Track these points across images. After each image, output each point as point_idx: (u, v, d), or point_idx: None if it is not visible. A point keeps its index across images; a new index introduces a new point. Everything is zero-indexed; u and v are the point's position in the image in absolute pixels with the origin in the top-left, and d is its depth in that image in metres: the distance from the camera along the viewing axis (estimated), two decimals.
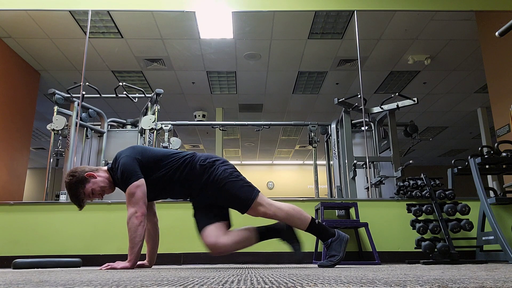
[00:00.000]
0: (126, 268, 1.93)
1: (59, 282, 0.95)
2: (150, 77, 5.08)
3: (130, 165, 1.94)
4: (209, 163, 2.00)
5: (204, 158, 2.03)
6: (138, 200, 1.93)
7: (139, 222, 1.92)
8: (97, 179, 2.02)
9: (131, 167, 1.94)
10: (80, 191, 2.00)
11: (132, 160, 1.96)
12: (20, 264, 2.47)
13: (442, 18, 4.13)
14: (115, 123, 4.67)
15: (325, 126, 4.95)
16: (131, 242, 1.93)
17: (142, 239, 1.95)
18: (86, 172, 2.01)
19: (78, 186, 1.99)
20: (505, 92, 3.88)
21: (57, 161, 3.96)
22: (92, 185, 2.00)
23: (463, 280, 0.89)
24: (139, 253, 1.96)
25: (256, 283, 0.90)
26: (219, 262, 3.10)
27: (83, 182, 1.99)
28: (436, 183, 3.10)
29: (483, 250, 2.97)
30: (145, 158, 1.99)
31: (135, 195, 1.92)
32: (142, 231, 1.93)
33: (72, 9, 3.95)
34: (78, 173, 2.00)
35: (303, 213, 2.04)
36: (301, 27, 4.25)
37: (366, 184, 4.22)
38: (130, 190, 1.92)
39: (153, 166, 2.00)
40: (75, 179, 1.99)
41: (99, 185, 2.02)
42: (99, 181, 2.02)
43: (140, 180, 1.94)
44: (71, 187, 1.99)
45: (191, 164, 2.01)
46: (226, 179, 1.96)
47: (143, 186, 1.95)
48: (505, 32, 1.71)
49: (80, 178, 1.99)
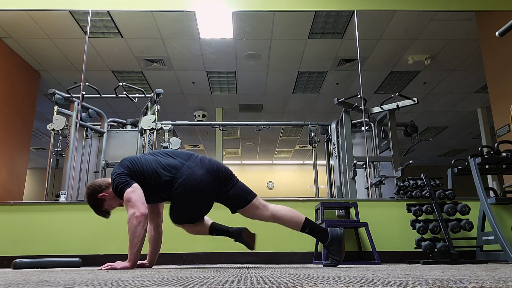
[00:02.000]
0: (126, 268, 1.94)
1: (59, 282, 0.95)
2: (150, 77, 5.08)
3: (117, 178, 2.02)
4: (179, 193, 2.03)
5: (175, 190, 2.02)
6: (135, 202, 1.96)
7: (137, 223, 1.93)
8: (110, 196, 2.12)
9: (119, 179, 2.01)
10: (101, 209, 2.15)
11: (119, 174, 2.04)
12: (20, 264, 2.47)
13: (442, 18, 4.13)
14: (115, 123, 4.67)
15: (325, 126, 4.95)
16: (130, 242, 1.95)
17: (141, 239, 1.96)
18: (99, 194, 2.11)
19: (97, 206, 2.14)
20: (505, 92, 3.87)
21: (57, 161, 3.96)
22: (109, 202, 2.13)
23: (463, 280, 0.89)
24: (138, 253, 1.97)
25: (256, 283, 0.90)
26: (219, 262, 3.10)
27: (101, 204, 2.13)
28: (436, 183, 3.10)
29: (483, 250, 2.97)
30: (132, 167, 2.05)
31: (131, 199, 1.96)
32: (141, 232, 1.94)
33: (72, 9, 3.95)
34: (93, 194, 2.10)
35: (296, 212, 2.16)
36: (301, 27, 4.24)
37: (366, 184, 4.22)
38: (126, 197, 1.98)
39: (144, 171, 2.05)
40: (92, 201, 2.12)
41: (114, 201, 2.13)
42: (113, 197, 2.11)
43: (132, 185, 1.99)
44: (91, 205, 2.14)
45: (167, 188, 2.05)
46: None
47: (137, 189, 1.99)
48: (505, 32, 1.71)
49: (97, 202, 2.12)
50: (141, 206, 1.96)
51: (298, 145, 7.59)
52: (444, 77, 5.13)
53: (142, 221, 1.95)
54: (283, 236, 3.17)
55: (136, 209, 1.94)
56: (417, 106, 4.35)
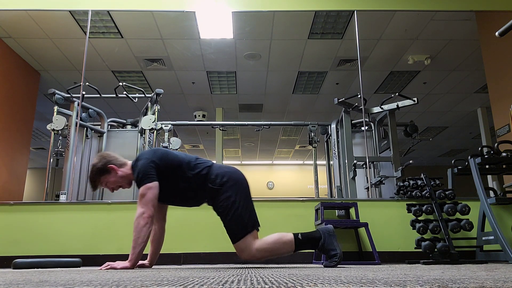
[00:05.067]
0: (126, 268, 1.93)
1: (59, 282, 0.95)
2: (150, 77, 5.08)
3: (146, 167, 1.99)
4: (218, 187, 2.04)
5: (214, 177, 2.06)
6: (148, 202, 1.95)
7: (144, 223, 1.93)
8: (117, 173, 2.09)
9: (146, 169, 1.99)
10: (97, 178, 2.10)
11: (150, 163, 2.01)
12: (20, 264, 2.47)
13: (442, 18, 4.13)
14: (115, 123, 4.66)
15: (325, 126, 4.95)
16: (134, 242, 1.94)
17: (145, 240, 1.95)
18: (109, 164, 2.08)
19: (97, 173, 2.08)
20: (505, 92, 3.87)
21: (57, 161, 3.96)
22: (110, 177, 2.09)
23: (463, 280, 0.89)
24: (140, 253, 1.96)
25: (256, 283, 0.90)
26: (219, 262, 3.10)
27: (103, 172, 2.08)
28: (436, 183, 3.10)
29: (483, 250, 2.97)
30: (163, 162, 2.04)
31: (146, 196, 1.95)
32: (146, 233, 1.94)
33: (72, 9, 3.95)
34: (103, 160, 2.09)
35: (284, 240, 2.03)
36: (301, 27, 4.24)
37: (366, 184, 4.22)
38: (142, 191, 1.96)
39: (170, 172, 2.05)
40: (99, 165, 2.08)
41: (116, 180, 2.09)
42: (118, 176, 2.09)
43: (153, 182, 1.98)
44: (92, 170, 2.09)
45: (203, 181, 2.06)
46: (226, 209, 2.02)
47: (155, 189, 1.98)
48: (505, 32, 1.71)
49: (102, 168, 2.08)
50: (151, 207, 1.95)
51: (298, 145, 7.59)
52: (444, 77, 5.13)
53: (149, 222, 1.95)
54: None
55: (146, 209, 1.94)
56: (417, 106, 4.35)
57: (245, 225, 2.01)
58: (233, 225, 2.01)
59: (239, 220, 2.00)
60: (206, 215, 3.22)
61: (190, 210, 3.09)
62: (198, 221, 3.20)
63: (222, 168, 2.11)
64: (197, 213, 3.19)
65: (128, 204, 3.30)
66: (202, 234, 3.19)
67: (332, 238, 2.06)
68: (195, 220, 3.19)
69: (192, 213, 3.18)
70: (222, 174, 2.06)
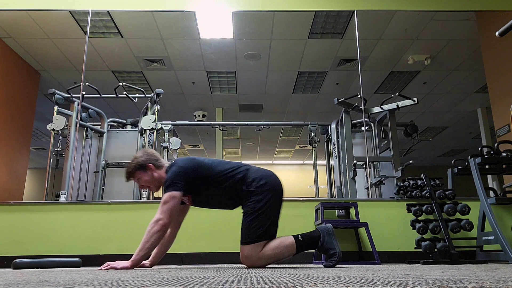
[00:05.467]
0: (126, 268, 1.93)
1: (59, 282, 0.95)
2: (150, 77, 5.08)
3: (176, 174, 2.01)
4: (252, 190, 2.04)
5: (251, 180, 2.06)
6: (168, 210, 1.95)
7: (158, 229, 1.92)
8: (153, 174, 2.10)
9: (176, 177, 2.00)
10: (133, 171, 2.10)
11: (182, 171, 2.02)
12: (20, 264, 2.47)
13: (442, 18, 4.13)
14: (115, 123, 4.67)
15: (325, 126, 4.95)
16: (142, 244, 1.93)
17: (153, 246, 1.95)
18: (149, 162, 2.10)
19: (135, 166, 2.10)
20: (505, 92, 3.87)
21: (57, 161, 3.96)
22: (145, 175, 2.10)
23: (463, 280, 0.89)
24: (144, 257, 1.96)
25: (256, 283, 0.90)
26: (219, 262, 3.10)
27: (140, 167, 2.10)
28: (436, 183, 3.10)
29: (483, 250, 2.97)
30: (196, 173, 2.05)
31: (168, 204, 1.95)
32: (156, 239, 1.94)
33: (72, 9, 3.95)
34: (145, 156, 2.11)
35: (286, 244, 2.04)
36: (301, 27, 4.24)
37: (366, 184, 4.22)
38: (166, 198, 1.97)
39: (203, 181, 2.06)
40: (140, 159, 2.10)
41: (149, 179, 2.10)
42: (153, 176, 2.10)
43: (178, 192, 1.98)
44: (132, 161, 2.11)
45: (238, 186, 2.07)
46: (251, 210, 2.02)
47: (178, 199, 1.99)
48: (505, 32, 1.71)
49: (142, 163, 2.09)
50: (169, 217, 1.95)
51: (298, 145, 7.59)
52: (444, 77, 5.13)
53: (163, 231, 1.94)
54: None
55: (164, 217, 1.93)
56: (417, 106, 4.36)
57: (261, 233, 2.00)
58: (250, 228, 2.01)
59: (257, 226, 2.00)
60: (206, 215, 3.22)
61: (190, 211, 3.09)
62: (198, 221, 3.20)
63: (260, 171, 2.11)
64: (197, 214, 3.19)
65: (128, 204, 3.30)
66: (202, 234, 3.19)
67: (332, 237, 2.06)
68: (195, 220, 3.19)
69: (192, 214, 3.18)
70: (260, 178, 2.06)
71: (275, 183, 2.09)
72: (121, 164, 4.31)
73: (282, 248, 2.02)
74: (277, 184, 2.10)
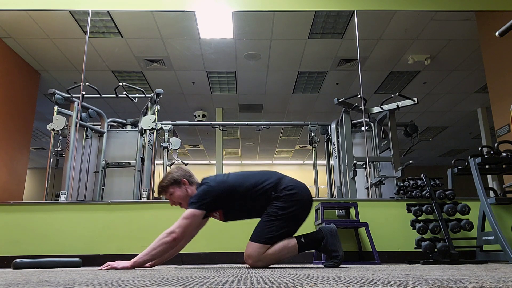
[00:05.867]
0: (126, 268, 1.92)
1: (59, 282, 0.95)
2: (150, 77, 5.08)
3: (206, 194, 2.02)
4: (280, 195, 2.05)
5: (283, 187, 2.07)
6: (185, 227, 1.95)
7: (169, 241, 1.92)
8: (187, 190, 2.11)
9: (204, 196, 2.01)
10: (167, 186, 2.11)
11: (211, 191, 2.03)
12: (20, 264, 2.47)
13: (442, 18, 4.13)
14: (115, 123, 4.67)
15: (325, 126, 4.95)
16: (148, 249, 1.93)
17: (159, 255, 1.96)
18: (184, 178, 2.11)
19: (170, 181, 2.11)
20: (505, 92, 3.87)
21: (57, 161, 3.96)
22: (178, 190, 2.11)
23: (463, 280, 0.89)
24: (146, 262, 1.96)
25: (256, 283, 0.90)
26: (219, 262, 3.10)
27: (175, 183, 2.11)
28: (436, 183, 3.10)
29: (483, 250, 2.97)
30: (226, 193, 2.05)
31: (187, 221, 1.96)
32: (163, 250, 1.93)
33: (72, 9, 3.95)
34: (181, 172, 2.13)
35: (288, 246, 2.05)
36: (301, 27, 4.24)
37: (366, 184, 4.21)
38: (187, 214, 1.97)
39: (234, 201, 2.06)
40: (175, 175, 2.11)
41: (181, 195, 2.11)
42: (186, 192, 2.11)
43: (200, 211, 1.98)
44: (167, 176, 2.12)
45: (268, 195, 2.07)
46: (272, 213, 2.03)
47: (198, 218, 1.99)
48: (505, 32, 1.71)
49: (177, 178, 2.11)
50: (183, 233, 1.95)
51: (298, 145, 7.59)
52: (444, 77, 5.13)
53: (172, 245, 1.94)
54: None
55: (179, 232, 1.93)
56: (417, 106, 4.35)
57: (272, 237, 2.01)
58: (264, 228, 2.02)
59: (272, 229, 2.01)
60: None
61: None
62: None
63: (293, 181, 2.13)
64: None
65: (128, 204, 3.30)
66: (202, 234, 3.18)
67: (335, 238, 2.06)
68: None
69: None
70: (292, 186, 2.08)
71: (305, 196, 2.09)
72: (121, 164, 4.32)
73: (285, 250, 2.03)
74: (306, 197, 2.10)
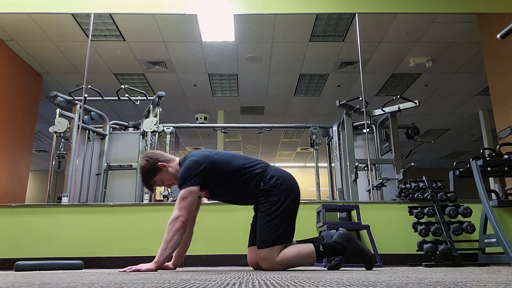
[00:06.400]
0: (151, 270, 1.85)
1: (61, 285, 0.96)
2: (152, 79, 5.09)
3: (193, 169, 1.95)
4: (269, 188, 1.98)
5: (269, 177, 2.01)
6: (186, 206, 1.90)
7: (179, 227, 1.88)
8: (168, 170, 2.06)
9: (192, 171, 1.94)
10: (151, 180, 2.06)
11: (198, 166, 1.96)
12: (22, 266, 2.47)
13: (443, 21, 4.14)
14: (117, 125, 4.68)
15: (326, 128, 4.95)
16: (164, 244, 1.87)
17: (177, 245, 1.90)
18: (160, 162, 2.05)
19: (150, 174, 2.05)
20: (506, 94, 3.87)
21: (59, 164, 3.97)
22: (164, 174, 2.06)
23: (465, 283, 0.89)
24: (168, 257, 1.90)
25: (257, 285, 0.90)
26: (221, 265, 3.10)
27: (155, 171, 2.05)
28: (438, 186, 3.10)
29: (485, 253, 2.96)
30: (214, 167, 1.99)
31: (186, 200, 1.91)
32: (178, 238, 1.88)
33: (75, 12, 3.97)
34: (152, 160, 2.06)
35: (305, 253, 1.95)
36: (303, 29, 4.25)
37: (368, 187, 4.21)
38: (183, 194, 1.92)
39: (221, 176, 2.01)
40: (148, 166, 2.05)
41: (170, 177, 2.06)
42: (170, 172, 2.06)
43: (195, 186, 1.93)
44: (143, 173, 2.06)
45: (256, 181, 2.01)
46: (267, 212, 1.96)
47: (195, 194, 1.94)
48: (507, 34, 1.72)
49: (153, 167, 2.05)
50: (188, 213, 1.91)
51: (300, 148, 7.59)
52: (445, 80, 5.13)
53: (184, 227, 1.90)
54: None
55: (184, 213, 1.89)
56: (418, 109, 4.35)
57: (278, 236, 1.94)
58: (266, 231, 1.94)
59: (274, 229, 1.94)
60: (207, 217, 3.22)
61: None
62: (199, 223, 3.20)
63: (279, 170, 2.06)
64: (198, 215, 3.19)
65: (130, 207, 3.30)
66: (203, 236, 3.19)
67: (354, 243, 1.95)
68: (196, 222, 3.19)
69: None
70: (278, 177, 2.00)
71: (292, 185, 2.03)
72: (123, 167, 4.32)
73: (300, 257, 1.95)
74: (294, 186, 2.04)
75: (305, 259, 1.95)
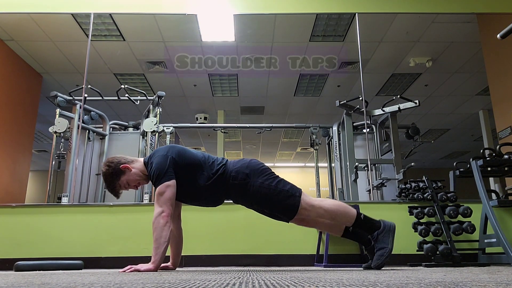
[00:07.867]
0: (150, 270, 1.86)
1: (61, 285, 0.95)
2: (152, 79, 5.09)
3: (163, 164, 1.94)
4: (242, 180, 1.99)
5: (235, 173, 2.01)
6: (167, 201, 1.90)
7: (164, 222, 1.88)
8: (132, 171, 2.03)
9: (164, 166, 1.94)
10: (116, 183, 2.03)
11: (167, 159, 1.95)
12: (22, 267, 2.47)
13: (443, 21, 4.14)
14: (117, 125, 4.68)
15: (326, 128, 4.95)
16: (156, 243, 1.88)
17: (167, 240, 1.90)
18: (122, 164, 2.02)
19: (113, 178, 2.02)
20: (507, 94, 3.87)
21: (59, 164, 3.97)
22: (128, 177, 2.03)
23: (466, 283, 0.89)
24: (163, 254, 1.90)
25: (257, 285, 0.90)
26: (221, 265, 3.10)
27: (118, 174, 2.02)
28: (438, 186, 3.09)
29: (486, 253, 2.96)
30: (181, 159, 1.99)
31: (164, 195, 1.90)
32: (167, 232, 1.89)
33: (75, 12, 3.97)
34: (114, 164, 2.02)
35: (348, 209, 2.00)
36: (303, 30, 4.25)
37: (368, 187, 4.21)
38: (160, 190, 1.91)
39: (188, 170, 2.00)
40: (110, 170, 2.01)
41: (135, 178, 2.04)
42: (134, 173, 2.04)
43: (171, 180, 1.93)
44: (106, 178, 2.03)
45: (223, 180, 2.01)
46: (265, 195, 1.96)
47: (173, 187, 1.93)
48: (507, 34, 1.72)
49: (116, 170, 2.01)
50: (170, 206, 1.90)
51: (300, 148, 7.59)
52: (445, 80, 5.13)
53: (169, 221, 1.90)
54: (285, 238, 3.16)
55: (165, 208, 1.89)
56: (418, 109, 4.35)
57: (292, 194, 1.95)
58: (282, 203, 1.95)
59: (284, 196, 1.95)
60: (207, 217, 3.22)
61: (191, 212, 3.09)
62: (199, 223, 3.20)
63: (239, 162, 2.07)
64: (198, 215, 3.19)
65: (130, 207, 3.30)
66: (203, 236, 3.19)
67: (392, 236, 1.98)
68: (197, 222, 3.19)
69: (193, 215, 3.18)
70: (241, 169, 2.02)
71: (256, 164, 2.06)
72: None
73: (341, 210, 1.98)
74: (257, 163, 2.07)
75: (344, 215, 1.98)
